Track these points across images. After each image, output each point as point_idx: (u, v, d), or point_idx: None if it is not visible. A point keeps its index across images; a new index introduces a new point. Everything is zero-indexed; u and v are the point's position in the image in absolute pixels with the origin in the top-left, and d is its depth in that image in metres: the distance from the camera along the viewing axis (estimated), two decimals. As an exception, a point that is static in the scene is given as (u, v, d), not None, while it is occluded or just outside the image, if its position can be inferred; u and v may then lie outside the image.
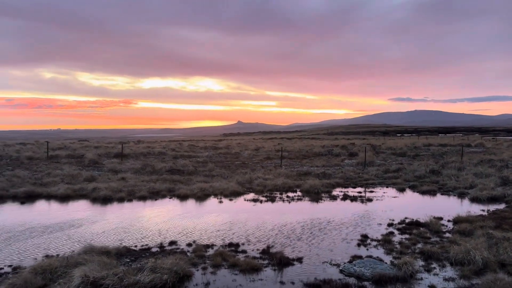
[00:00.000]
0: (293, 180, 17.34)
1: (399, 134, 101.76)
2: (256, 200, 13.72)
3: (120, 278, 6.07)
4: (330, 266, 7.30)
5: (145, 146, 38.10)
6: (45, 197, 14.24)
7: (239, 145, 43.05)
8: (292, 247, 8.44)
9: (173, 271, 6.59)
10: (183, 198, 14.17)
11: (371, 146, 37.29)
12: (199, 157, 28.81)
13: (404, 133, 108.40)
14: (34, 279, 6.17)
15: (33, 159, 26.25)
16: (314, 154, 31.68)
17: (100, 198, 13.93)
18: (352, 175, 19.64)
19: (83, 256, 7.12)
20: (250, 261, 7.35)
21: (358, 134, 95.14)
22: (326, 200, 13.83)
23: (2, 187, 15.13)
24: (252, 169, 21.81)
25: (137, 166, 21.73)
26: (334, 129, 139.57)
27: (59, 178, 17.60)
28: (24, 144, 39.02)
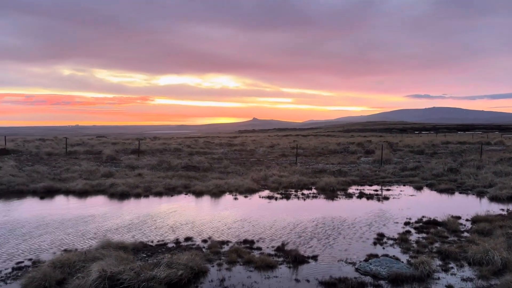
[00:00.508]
0: (308, 178, 17.27)
1: (416, 132, 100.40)
2: (271, 197, 13.73)
3: (137, 273, 6.15)
4: (346, 265, 7.27)
5: (161, 142, 38.46)
6: (64, 192, 14.50)
7: (254, 142, 43.09)
8: (307, 245, 8.42)
9: (188, 266, 6.65)
10: (199, 194, 14.26)
11: (388, 143, 36.87)
12: (214, 154, 28.94)
13: (422, 131, 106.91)
14: (53, 273, 6.30)
15: (52, 155, 26.74)
16: (330, 152, 31.50)
17: (118, 194, 14.12)
18: (368, 173, 19.46)
19: (101, 251, 7.24)
20: (265, 258, 7.36)
21: (375, 132, 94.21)
22: (341, 198, 13.75)
23: (22, 182, 15.46)
24: (267, 166, 21.81)
25: (154, 162, 21.96)
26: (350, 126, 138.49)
27: (78, 173, 17.89)
28: (44, 140, 39.79)
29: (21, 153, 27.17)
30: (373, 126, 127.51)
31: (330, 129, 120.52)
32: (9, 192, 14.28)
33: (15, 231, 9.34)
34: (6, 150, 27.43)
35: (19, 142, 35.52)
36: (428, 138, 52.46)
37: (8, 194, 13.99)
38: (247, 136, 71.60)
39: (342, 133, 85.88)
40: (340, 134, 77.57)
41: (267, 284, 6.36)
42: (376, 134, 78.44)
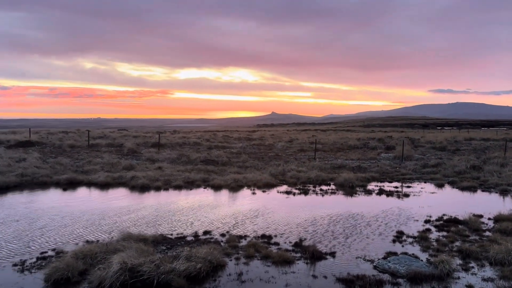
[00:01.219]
0: (327, 173, 17.19)
1: (439, 127, 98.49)
2: (289, 193, 13.73)
3: (157, 265, 6.27)
4: (364, 262, 7.23)
5: (181, 136, 38.83)
6: (86, 184, 14.82)
7: (273, 137, 43.06)
8: (325, 241, 8.41)
9: (207, 260, 6.73)
10: (217, 188, 14.37)
11: (409, 139, 36.31)
12: (233, 148, 29.06)
13: (444, 126, 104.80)
14: (75, 264, 6.47)
15: (75, 147, 27.34)
16: (349, 147, 31.23)
17: (138, 187, 14.35)
18: (388, 169, 19.24)
19: (122, 243, 7.39)
20: (282, 253, 7.39)
21: (396, 127, 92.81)
22: (360, 195, 13.65)
23: (46, 174, 15.87)
24: (286, 161, 21.79)
25: (173, 156, 22.21)
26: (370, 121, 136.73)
27: (99, 166, 18.25)
28: (66, 132, 40.69)
29: (45, 145, 27.86)
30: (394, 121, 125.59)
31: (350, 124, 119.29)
32: (33, 183, 14.68)
33: (39, 222, 9.61)
34: (30, 142, 28.18)
35: (43, 134, 36.42)
36: (451, 134, 51.44)
37: (32, 185, 14.39)
38: (266, 130, 71.59)
39: (362, 128, 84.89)
40: (360, 129, 76.71)
41: (285, 279, 6.39)
42: (397, 129, 77.26)
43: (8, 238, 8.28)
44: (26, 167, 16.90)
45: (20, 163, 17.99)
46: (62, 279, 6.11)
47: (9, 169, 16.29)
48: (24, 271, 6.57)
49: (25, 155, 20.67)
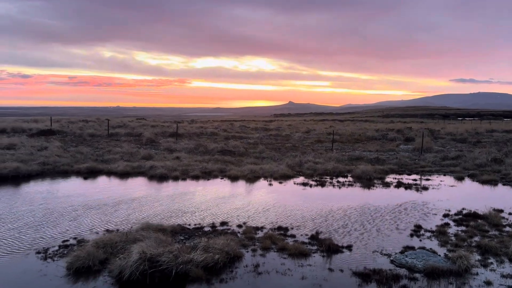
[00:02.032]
0: (344, 165, 17.10)
1: (460, 118, 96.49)
2: (306, 184, 13.72)
3: (175, 255, 6.38)
4: (381, 256, 7.21)
5: (198, 126, 39.08)
6: (106, 173, 15.10)
7: (290, 127, 42.93)
8: (342, 234, 8.41)
9: (224, 251, 6.82)
10: (234, 179, 14.46)
11: (429, 130, 35.71)
12: (249, 139, 29.12)
13: (465, 117, 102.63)
14: (96, 253, 6.64)
15: (95, 136, 27.82)
16: (367, 138, 30.92)
17: (157, 176, 14.55)
18: (407, 161, 19.00)
19: (141, 233, 7.54)
20: (298, 246, 7.42)
21: (416, 117, 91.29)
22: (378, 187, 13.55)
23: (67, 162, 16.22)
24: (303, 152, 21.74)
25: (191, 146, 22.40)
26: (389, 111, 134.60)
27: (119, 155, 18.55)
28: (87, 121, 41.38)
29: (66, 134, 28.43)
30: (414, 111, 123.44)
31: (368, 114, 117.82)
32: (54, 172, 15.03)
33: (60, 210, 9.86)
34: (52, 130, 28.79)
35: (64, 123, 37.15)
36: (472, 126, 50.36)
37: (53, 174, 14.74)
38: (283, 120, 71.37)
39: (381, 119, 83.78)
40: (379, 120, 75.74)
41: (301, 272, 6.43)
42: (417, 120, 76.00)
43: (31, 226, 8.53)
44: (47, 155, 17.30)
45: (42, 152, 18.43)
46: (84, 267, 6.29)
47: (31, 157, 16.71)
48: (47, 259, 6.77)
49: (46, 144, 21.15)
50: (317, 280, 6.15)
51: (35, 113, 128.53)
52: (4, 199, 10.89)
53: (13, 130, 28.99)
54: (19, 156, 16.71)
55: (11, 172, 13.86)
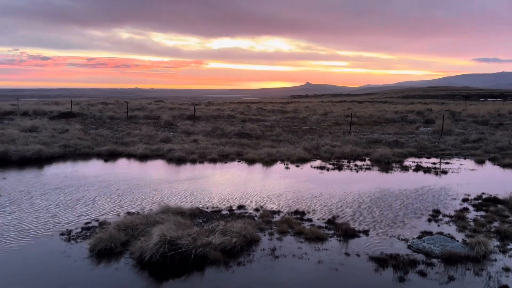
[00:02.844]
0: (362, 148, 16.97)
1: (482, 99, 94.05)
2: (323, 168, 13.70)
3: (194, 238, 6.52)
4: (398, 241, 7.22)
5: (215, 108, 39.17)
6: (126, 155, 15.36)
7: (307, 109, 42.64)
8: (359, 218, 8.42)
9: (241, 235, 6.93)
10: (251, 162, 14.53)
11: (450, 112, 34.98)
12: (266, 121, 29.08)
13: (488, 98, 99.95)
14: (118, 235, 6.84)
15: (114, 118, 28.21)
16: (386, 121, 30.51)
17: (175, 159, 14.75)
18: (427, 144, 18.74)
19: (161, 216, 7.70)
20: (315, 230, 7.48)
21: (437, 98, 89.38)
22: (396, 171, 13.45)
23: (88, 145, 16.54)
24: (320, 135, 21.64)
25: (208, 128, 22.53)
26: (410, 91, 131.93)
27: (138, 138, 18.81)
28: (106, 104, 41.91)
29: (86, 117, 28.90)
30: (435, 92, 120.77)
31: (387, 95, 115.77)
32: (76, 154, 15.37)
33: (82, 193, 10.12)
34: (72, 113, 29.30)
35: (84, 106, 37.72)
36: (494, 107, 49.05)
37: (75, 156, 15.08)
38: (300, 102, 70.85)
39: (401, 100, 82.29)
40: (398, 101, 74.43)
41: (317, 256, 6.50)
42: (438, 101, 74.42)
43: (55, 208, 8.80)
44: (68, 138, 17.67)
45: (63, 134, 18.82)
46: (106, 249, 6.49)
47: (53, 140, 17.10)
48: (71, 240, 7.01)
49: (67, 126, 21.57)
50: (334, 265, 6.22)
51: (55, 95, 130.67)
52: (28, 181, 11.23)
53: (35, 112, 29.60)
54: (41, 139, 17.11)
55: (34, 154, 14.23)
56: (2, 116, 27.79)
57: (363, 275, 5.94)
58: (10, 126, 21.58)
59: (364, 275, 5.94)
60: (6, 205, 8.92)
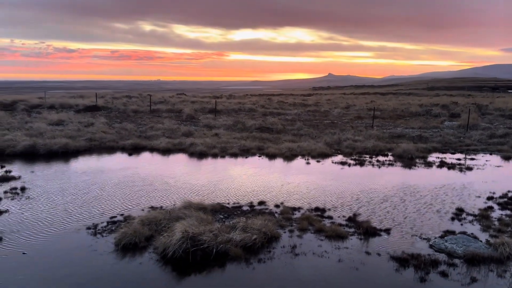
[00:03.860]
0: (384, 143, 16.77)
1: (510, 91, 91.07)
2: (344, 163, 13.62)
3: (215, 235, 6.65)
4: (420, 240, 7.17)
5: (236, 102, 39.25)
6: (149, 149, 15.63)
7: (329, 102, 42.26)
8: (380, 216, 8.38)
9: (262, 232, 7.02)
10: (272, 157, 14.57)
11: (476, 106, 34.06)
12: (287, 115, 29.01)
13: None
14: (142, 230, 7.03)
15: (138, 112, 28.68)
16: (410, 114, 29.95)
17: (197, 153, 14.92)
18: (451, 139, 18.37)
19: (183, 211, 7.86)
20: (336, 228, 7.49)
21: (463, 90, 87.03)
22: (420, 167, 13.25)
23: (113, 139, 16.90)
24: (341, 129, 21.46)
25: (229, 122, 22.66)
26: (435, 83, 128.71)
27: (161, 132, 19.10)
28: (130, 97, 42.58)
29: (110, 110, 29.47)
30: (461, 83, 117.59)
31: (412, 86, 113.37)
32: (101, 148, 15.74)
33: (107, 187, 10.39)
34: (97, 106, 29.93)
35: (108, 99, 38.42)
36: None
37: (100, 150, 15.44)
38: (322, 94, 70.23)
39: (426, 91, 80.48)
40: (423, 93, 72.85)
41: (338, 254, 6.53)
42: (464, 92, 72.49)
43: (81, 201, 9.08)
44: (94, 132, 18.10)
45: (89, 128, 19.29)
46: (130, 244, 6.69)
47: (78, 133, 17.55)
48: (97, 234, 7.24)
49: (93, 120, 22.08)
50: (354, 264, 6.23)
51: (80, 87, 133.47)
52: (55, 175, 11.59)
53: (61, 106, 30.35)
54: (68, 132, 17.59)
55: (61, 148, 14.64)
56: (30, 109, 28.63)
57: (383, 275, 5.94)
58: (37, 119, 22.24)
59: (384, 275, 5.94)
60: (34, 199, 9.26)
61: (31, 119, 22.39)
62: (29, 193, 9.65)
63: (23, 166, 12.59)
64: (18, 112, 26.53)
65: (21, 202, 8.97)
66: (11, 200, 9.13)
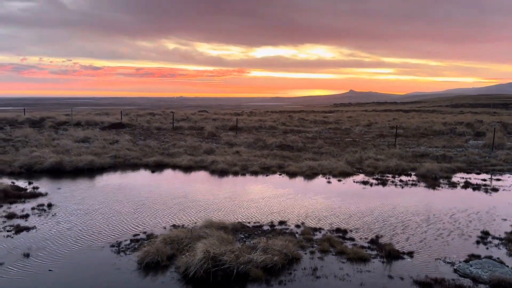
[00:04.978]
0: (407, 162, 16.55)
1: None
2: (366, 183, 13.50)
3: (236, 255, 6.68)
4: (444, 264, 7.03)
5: (257, 119, 39.49)
6: (171, 166, 15.87)
7: (350, 119, 42.05)
8: (403, 238, 8.26)
9: (283, 253, 7.02)
10: (292, 175, 14.57)
11: (502, 124, 33.30)
12: (308, 132, 29.00)
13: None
14: (164, 249, 7.12)
15: (161, 129, 29.20)
16: (434, 133, 29.49)
17: (218, 171, 15.06)
18: (476, 158, 17.98)
19: (204, 230, 7.93)
20: (357, 250, 7.42)
21: (488, 107, 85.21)
22: (444, 187, 13.01)
23: (136, 156, 17.25)
24: (363, 147, 21.30)
25: (250, 140, 22.80)
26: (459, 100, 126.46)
27: (183, 149, 19.38)
28: (153, 114, 43.40)
29: (135, 127, 30.11)
30: (487, 100, 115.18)
31: (436, 103, 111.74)
32: (125, 165, 16.07)
33: (131, 204, 10.57)
34: (122, 124, 30.63)
35: (132, 116, 39.30)
36: (553, 117, 46.15)
37: (124, 167, 15.77)
38: (343, 111, 69.97)
39: (450, 109, 79.19)
40: (447, 110, 71.71)
41: (359, 278, 6.46)
42: (489, 110, 70.97)
43: (105, 219, 9.27)
44: (118, 149, 18.51)
45: (113, 145, 19.74)
46: (153, 262, 6.79)
47: (104, 151, 17.98)
48: (120, 253, 7.37)
49: (117, 137, 22.60)
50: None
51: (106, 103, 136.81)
52: (80, 192, 11.89)
53: (87, 123, 31.21)
54: (93, 150, 18.06)
55: (86, 165, 15.02)
56: (57, 126, 29.55)
57: (406, 300, 5.83)
58: (64, 136, 22.93)
59: (407, 300, 5.83)
60: (60, 216, 9.51)
61: (58, 136, 23.09)
62: (55, 210, 9.93)
63: (50, 183, 12.98)
64: (46, 129, 27.42)
65: (48, 219, 9.23)
66: (38, 216, 9.41)
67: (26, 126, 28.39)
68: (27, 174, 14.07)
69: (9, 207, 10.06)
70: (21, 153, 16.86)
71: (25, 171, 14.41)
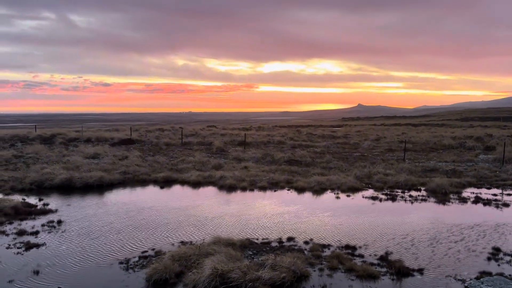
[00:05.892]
0: (417, 177, 16.42)
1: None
2: (375, 198, 13.41)
3: (244, 272, 6.66)
4: (454, 281, 6.93)
5: (265, 134, 39.58)
6: (180, 182, 15.93)
7: (358, 134, 41.95)
8: (413, 255, 8.17)
9: (291, 270, 6.97)
10: (300, 190, 14.53)
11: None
12: (316, 147, 28.97)
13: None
14: (172, 266, 7.13)
15: (170, 145, 29.39)
16: (443, 147, 29.26)
17: (226, 186, 15.08)
18: (487, 173, 17.78)
19: (212, 247, 7.94)
20: (367, 267, 7.36)
21: (498, 120, 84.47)
22: (454, 203, 12.87)
23: (145, 172, 17.37)
24: (372, 162, 21.20)
25: (258, 155, 22.84)
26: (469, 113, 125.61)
27: (191, 164, 19.47)
28: (162, 130, 43.75)
29: (144, 143, 30.35)
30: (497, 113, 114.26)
31: (445, 117, 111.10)
32: (134, 181, 16.16)
33: (139, 220, 10.63)
34: (131, 140, 30.91)
35: (142, 132, 39.64)
36: None
37: (133, 183, 15.86)
38: (351, 125, 69.83)
39: (459, 122, 78.68)
40: (456, 124, 71.23)
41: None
42: (500, 124, 70.35)
43: (114, 235, 9.32)
44: (128, 165, 18.65)
45: (123, 161, 19.90)
46: (161, 279, 6.79)
47: (113, 167, 18.13)
48: (129, 269, 7.39)
49: (127, 153, 22.78)
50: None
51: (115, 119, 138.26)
52: (90, 209, 11.99)
53: (97, 139, 31.52)
54: (103, 166, 18.22)
55: (96, 181, 15.14)
56: (67, 143, 29.91)
57: (416, 319, 5.75)
58: (74, 152, 23.18)
59: (417, 319, 5.75)
60: (70, 232, 9.59)
61: (68, 153, 23.35)
62: (65, 227, 10.01)
63: (60, 199, 13.10)
64: (57, 146, 27.76)
65: (58, 235, 9.31)
66: (48, 233, 9.49)
67: (37, 142, 28.74)
68: (37, 191, 14.21)
69: (20, 224, 10.17)
70: (32, 169, 17.08)
71: (35, 187, 14.56)
